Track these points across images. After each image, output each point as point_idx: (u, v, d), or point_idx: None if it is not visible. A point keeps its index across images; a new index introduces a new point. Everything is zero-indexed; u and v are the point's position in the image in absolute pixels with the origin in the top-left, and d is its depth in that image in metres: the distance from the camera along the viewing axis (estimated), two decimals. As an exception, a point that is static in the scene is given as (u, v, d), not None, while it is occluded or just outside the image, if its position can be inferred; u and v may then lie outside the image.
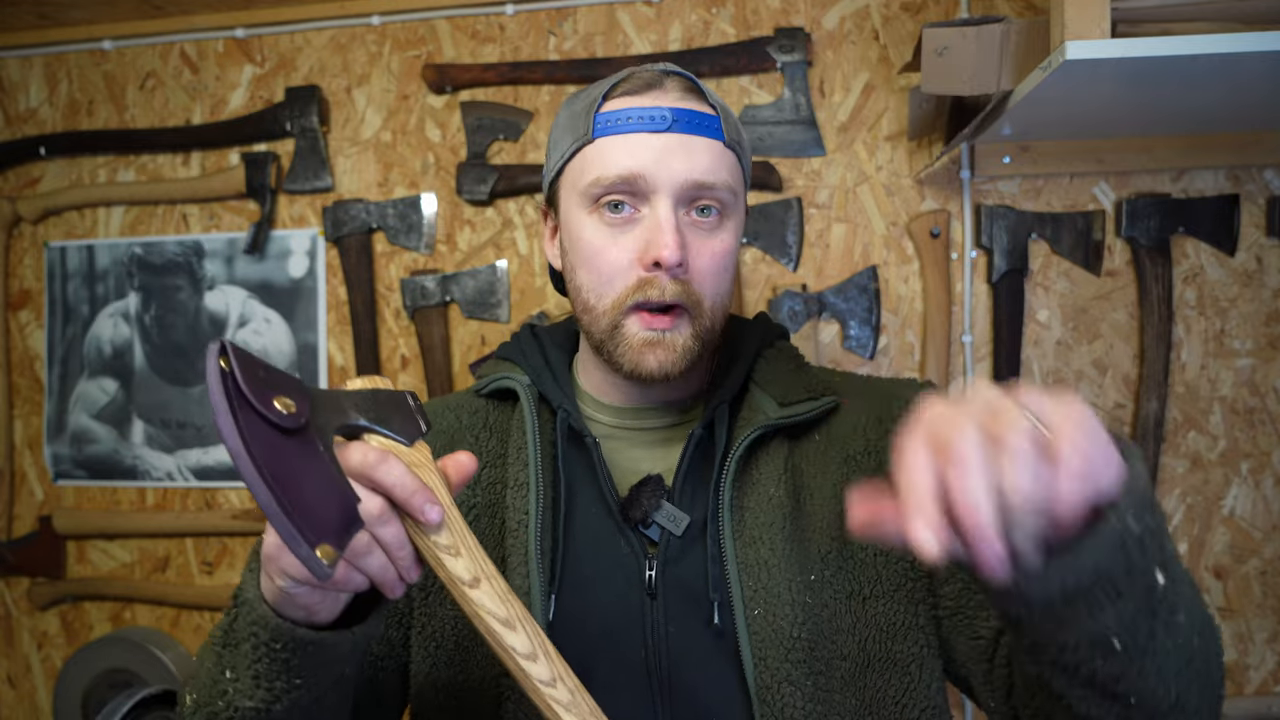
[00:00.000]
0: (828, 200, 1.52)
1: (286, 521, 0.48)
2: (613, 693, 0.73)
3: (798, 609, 0.74)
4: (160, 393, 1.71)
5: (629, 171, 0.75)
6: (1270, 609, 1.41)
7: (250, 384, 0.50)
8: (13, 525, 1.76)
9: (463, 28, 1.61)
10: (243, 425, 0.48)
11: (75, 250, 1.73)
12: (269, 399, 0.51)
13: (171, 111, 1.71)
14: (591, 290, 0.79)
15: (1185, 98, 1.19)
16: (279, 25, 1.65)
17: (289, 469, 0.50)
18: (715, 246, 0.78)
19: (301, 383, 0.55)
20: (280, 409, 0.51)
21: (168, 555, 1.71)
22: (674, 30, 1.55)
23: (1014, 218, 1.45)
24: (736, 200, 0.81)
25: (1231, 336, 1.43)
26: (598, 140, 0.78)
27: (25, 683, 1.77)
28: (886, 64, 1.50)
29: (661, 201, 0.76)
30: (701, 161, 0.76)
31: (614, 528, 0.79)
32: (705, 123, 0.78)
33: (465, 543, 0.59)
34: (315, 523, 0.49)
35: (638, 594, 0.77)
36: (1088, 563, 0.48)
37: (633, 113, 0.77)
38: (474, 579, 0.58)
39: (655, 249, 0.74)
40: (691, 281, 0.77)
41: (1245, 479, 1.42)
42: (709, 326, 0.79)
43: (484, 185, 1.57)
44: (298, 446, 0.52)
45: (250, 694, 0.62)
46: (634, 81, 0.79)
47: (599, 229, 0.78)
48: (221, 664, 0.64)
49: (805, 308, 1.49)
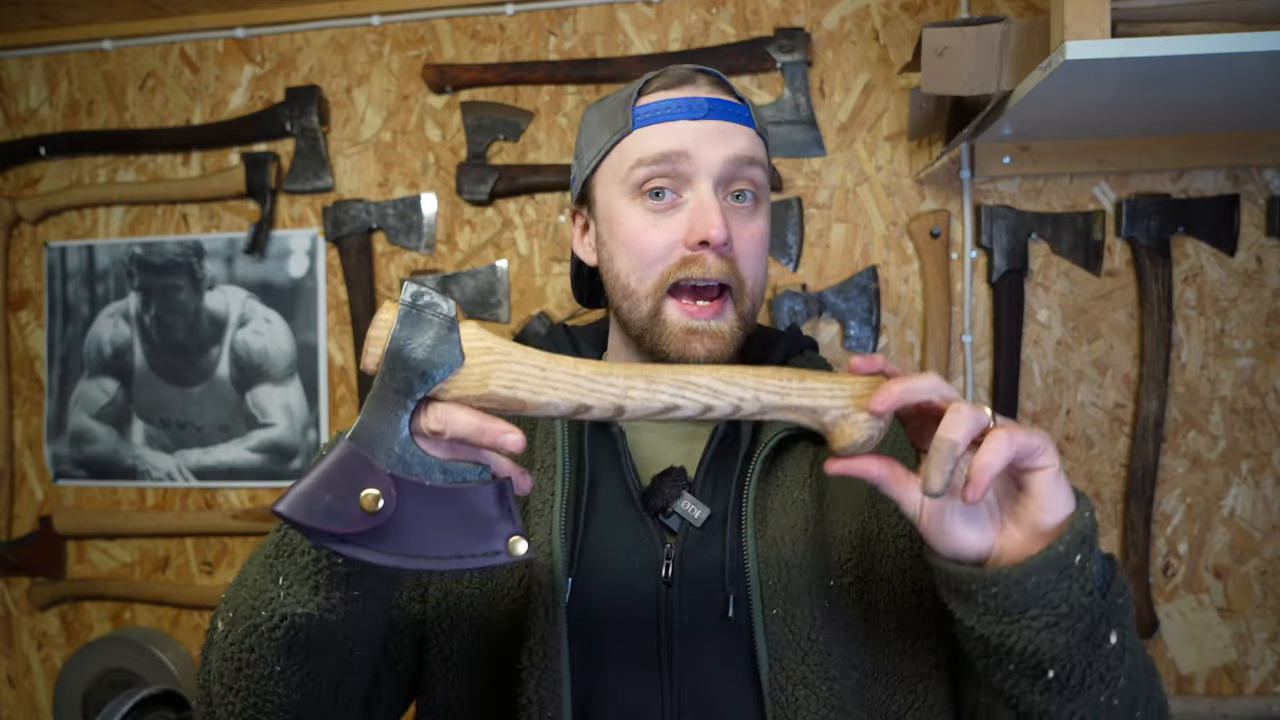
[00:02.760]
0: (828, 200, 1.52)
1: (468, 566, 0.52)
2: (623, 678, 0.76)
3: (817, 612, 0.74)
4: (160, 393, 1.71)
5: (672, 150, 0.78)
6: (1270, 609, 1.41)
7: (334, 521, 0.51)
8: (13, 525, 1.76)
9: (463, 28, 1.61)
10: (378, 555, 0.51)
11: (75, 250, 1.73)
12: (353, 515, 0.51)
13: (171, 111, 1.71)
14: (632, 274, 0.80)
15: (1185, 98, 1.19)
16: (279, 25, 1.65)
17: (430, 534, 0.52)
18: (754, 230, 0.81)
19: (352, 450, 0.53)
20: (366, 510, 0.51)
21: (168, 555, 1.71)
22: (674, 30, 1.55)
23: (1014, 218, 1.45)
24: (766, 187, 0.84)
25: (1231, 336, 1.43)
26: (638, 130, 0.80)
27: (25, 683, 1.77)
28: (886, 64, 1.50)
29: (703, 183, 0.78)
30: (739, 142, 0.80)
31: (635, 515, 0.81)
32: (738, 111, 0.81)
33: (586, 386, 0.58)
34: (483, 538, 0.52)
35: (654, 582, 0.78)
36: (1029, 571, 0.57)
37: (670, 103, 0.80)
38: (618, 409, 0.59)
39: (703, 228, 0.76)
40: (736, 260, 0.79)
41: (1245, 479, 1.42)
42: (750, 310, 0.82)
43: (484, 185, 1.57)
44: (413, 509, 0.53)
45: (304, 602, 0.62)
46: (668, 77, 0.83)
47: (641, 214, 0.80)
48: (273, 572, 0.64)
49: (805, 308, 1.49)
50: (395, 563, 0.52)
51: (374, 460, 0.53)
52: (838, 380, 0.61)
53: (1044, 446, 0.57)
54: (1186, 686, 1.43)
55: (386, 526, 0.52)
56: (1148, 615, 1.41)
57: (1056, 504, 0.58)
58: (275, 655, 0.64)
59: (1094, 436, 1.46)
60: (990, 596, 0.59)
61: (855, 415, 0.60)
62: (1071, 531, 0.57)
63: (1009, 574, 0.57)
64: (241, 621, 0.65)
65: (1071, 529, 0.57)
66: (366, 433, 0.54)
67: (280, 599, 0.62)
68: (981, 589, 0.59)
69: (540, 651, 0.74)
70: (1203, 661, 1.43)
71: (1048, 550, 0.57)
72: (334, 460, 0.52)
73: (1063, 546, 0.57)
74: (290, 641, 0.63)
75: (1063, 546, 0.57)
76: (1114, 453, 1.45)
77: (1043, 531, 0.58)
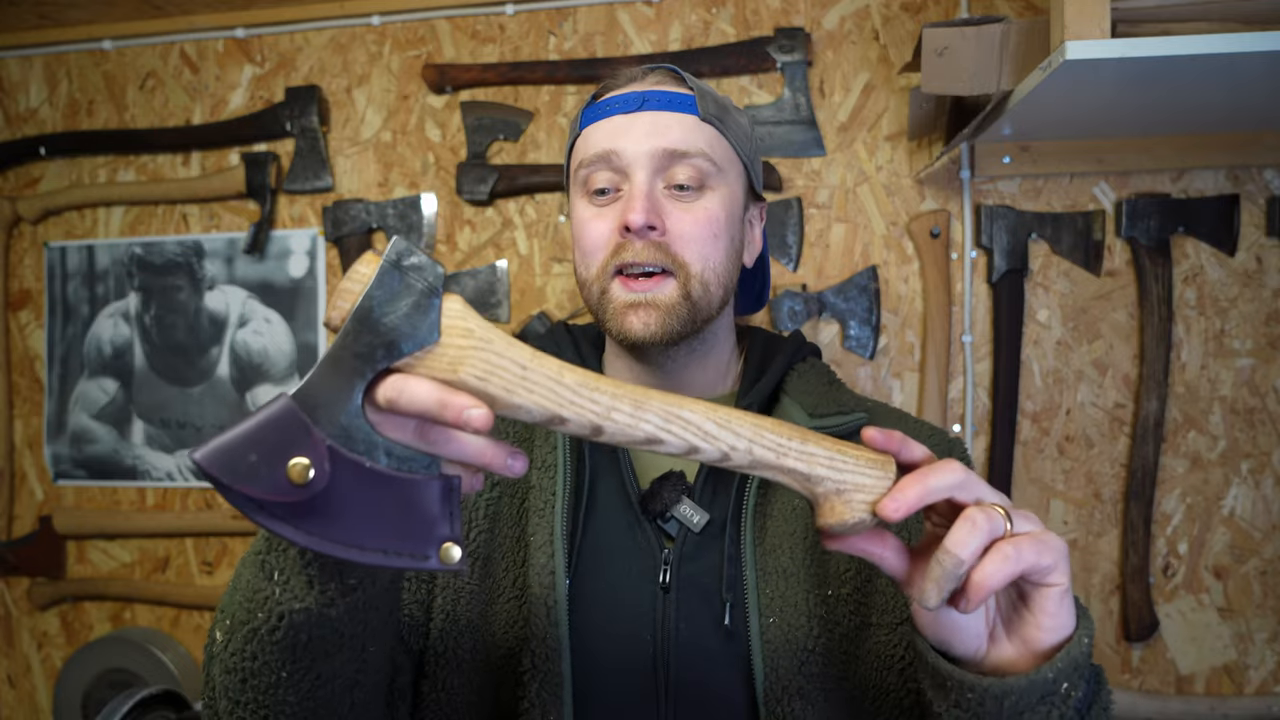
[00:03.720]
0: (828, 200, 1.52)
1: (393, 565, 0.46)
2: (618, 683, 0.75)
3: (814, 621, 0.74)
4: (160, 393, 1.71)
5: (604, 149, 0.81)
6: (1270, 609, 1.41)
7: (255, 484, 0.45)
8: (13, 525, 1.76)
9: (463, 28, 1.61)
10: (295, 532, 0.46)
11: (75, 250, 1.73)
12: (278, 483, 0.46)
13: (171, 111, 1.71)
14: (582, 264, 0.84)
15: (1185, 98, 1.19)
16: (279, 25, 1.65)
17: (359, 521, 0.46)
18: (695, 214, 0.81)
19: (290, 410, 0.47)
20: (293, 480, 0.46)
21: (168, 555, 1.71)
22: (674, 30, 1.55)
23: (1014, 218, 1.45)
24: (721, 173, 0.83)
25: (1231, 336, 1.43)
26: (583, 131, 0.85)
27: (25, 683, 1.77)
28: (886, 64, 1.50)
29: (637, 174, 0.80)
30: (672, 133, 0.80)
31: (632, 519, 0.80)
32: (678, 100, 0.82)
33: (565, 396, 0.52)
34: (416, 539, 0.46)
35: (651, 587, 0.77)
36: (1011, 690, 0.55)
37: (611, 100, 0.83)
38: (595, 429, 0.53)
39: (624, 214, 0.79)
40: (670, 245, 0.80)
41: (1245, 479, 1.42)
42: (701, 291, 0.81)
43: (484, 185, 1.57)
44: (345, 489, 0.47)
45: (301, 597, 0.58)
46: (618, 79, 0.86)
47: (587, 209, 0.84)
48: (266, 569, 0.59)
49: (805, 308, 1.49)
50: (312, 544, 0.47)
51: (314, 427, 0.47)
52: (843, 451, 0.56)
53: (1054, 565, 0.53)
54: (1186, 686, 1.43)
55: (313, 503, 0.46)
56: (1148, 615, 1.41)
57: (1057, 624, 0.55)
58: (280, 660, 0.60)
59: (1094, 436, 1.46)
60: (964, 699, 0.57)
61: (852, 495, 0.55)
62: (1065, 659, 0.55)
63: (990, 687, 0.56)
64: (240, 627, 0.61)
65: (1066, 655, 0.55)
66: (312, 395, 0.48)
67: (276, 596, 0.58)
68: (957, 688, 0.57)
69: (542, 654, 0.73)
70: (1203, 661, 1.43)
71: (1036, 674, 0.55)
72: (268, 417, 0.47)
73: (1052, 673, 0.55)
74: (293, 643, 0.59)
75: (1052, 673, 0.55)
76: (1114, 453, 1.45)
77: (1036, 651, 0.56)
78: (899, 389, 1.51)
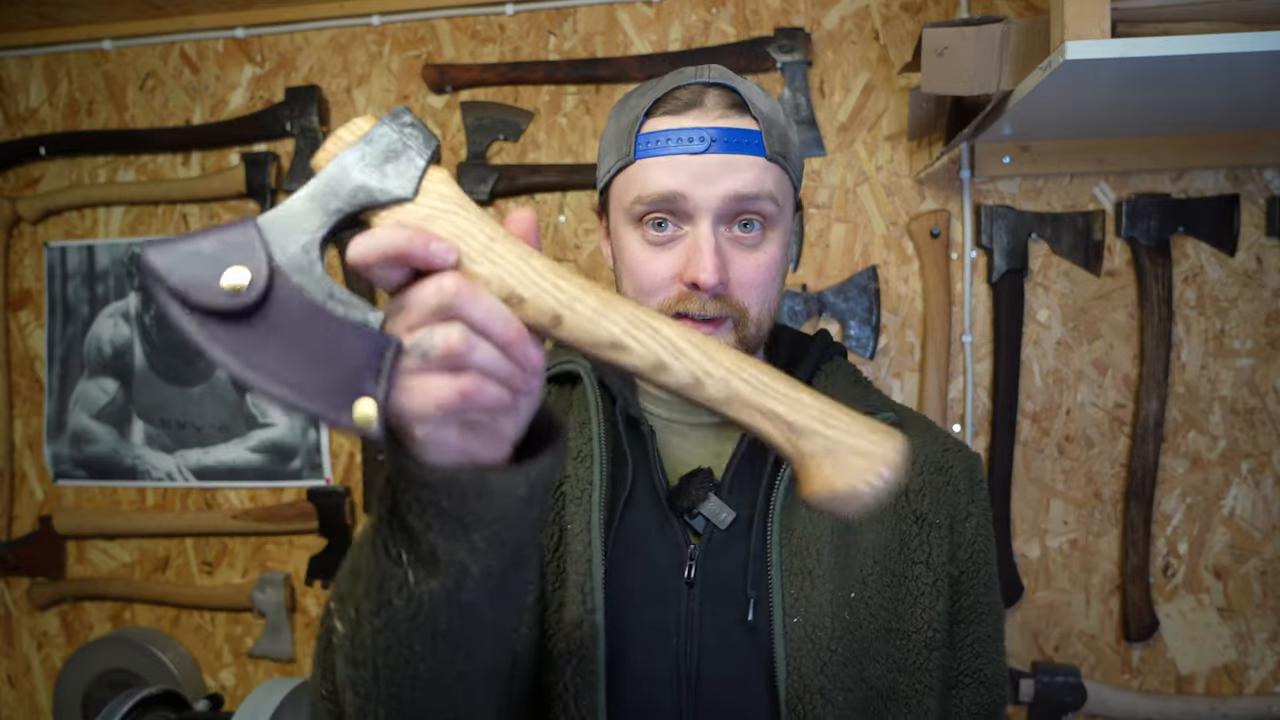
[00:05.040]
0: (828, 200, 1.52)
1: (303, 408, 0.43)
2: (641, 675, 0.76)
3: (837, 623, 0.75)
4: (160, 393, 1.71)
5: (669, 190, 0.77)
6: (1270, 609, 1.41)
7: (187, 283, 0.44)
8: (13, 525, 1.76)
9: (463, 28, 1.61)
10: (213, 344, 0.44)
11: (75, 250, 1.73)
12: (210, 287, 0.44)
13: (171, 111, 1.71)
14: (634, 298, 0.81)
15: (1185, 98, 1.19)
16: (279, 25, 1.65)
17: (281, 352, 0.44)
18: (759, 260, 0.80)
19: (249, 225, 0.46)
20: (228, 289, 0.44)
21: (168, 555, 1.71)
22: (674, 30, 1.55)
23: (1014, 218, 1.45)
24: (781, 212, 0.81)
25: (1231, 336, 1.43)
26: (639, 160, 0.79)
27: (25, 683, 1.78)
28: (886, 64, 1.50)
29: (702, 221, 0.77)
30: (742, 177, 0.77)
31: (661, 515, 0.81)
32: (746, 140, 0.79)
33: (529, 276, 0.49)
34: (335, 387, 0.44)
35: (676, 582, 0.78)
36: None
37: (672, 134, 0.78)
38: (554, 318, 0.49)
39: (694, 270, 0.76)
40: (733, 295, 0.79)
41: (1245, 479, 1.42)
42: (754, 333, 0.81)
43: (484, 185, 1.57)
44: (277, 316, 0.45)
45: (432, 572, 0.53)
46: (675, 102, 0.80)
47: (642, 245, 0.80)
48: (386, 551, 0.55)
49: (805, 308, 1.49)
50: (229, 363, 0.44)
51: (266, 244, 0.46)
52: (838, 408, 0.50)
53: None
54: (1186, 686, 1.43)
55: (239, 320, 0.44)
56: (1148, 615, 1.41)
57: None
58: (421, 648, 0.56)
59: (1094, 436, 1.46)
60: None
61: (846, 459, 0.48)
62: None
63: None
64: (369, 619, 0.56)
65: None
66: (277, 221, 0.47)
67: (406, 581, 0.54)
68: None
69: (578, 639, 0.74)
70: (1203, 661, 1.43)
71: None
72: (224, 228, 0.46)
73: None
74: (434, 631, 0.55)
75: None
76: (1114, 453, 1.45)
77: None
78: (899, 389, 1.51)
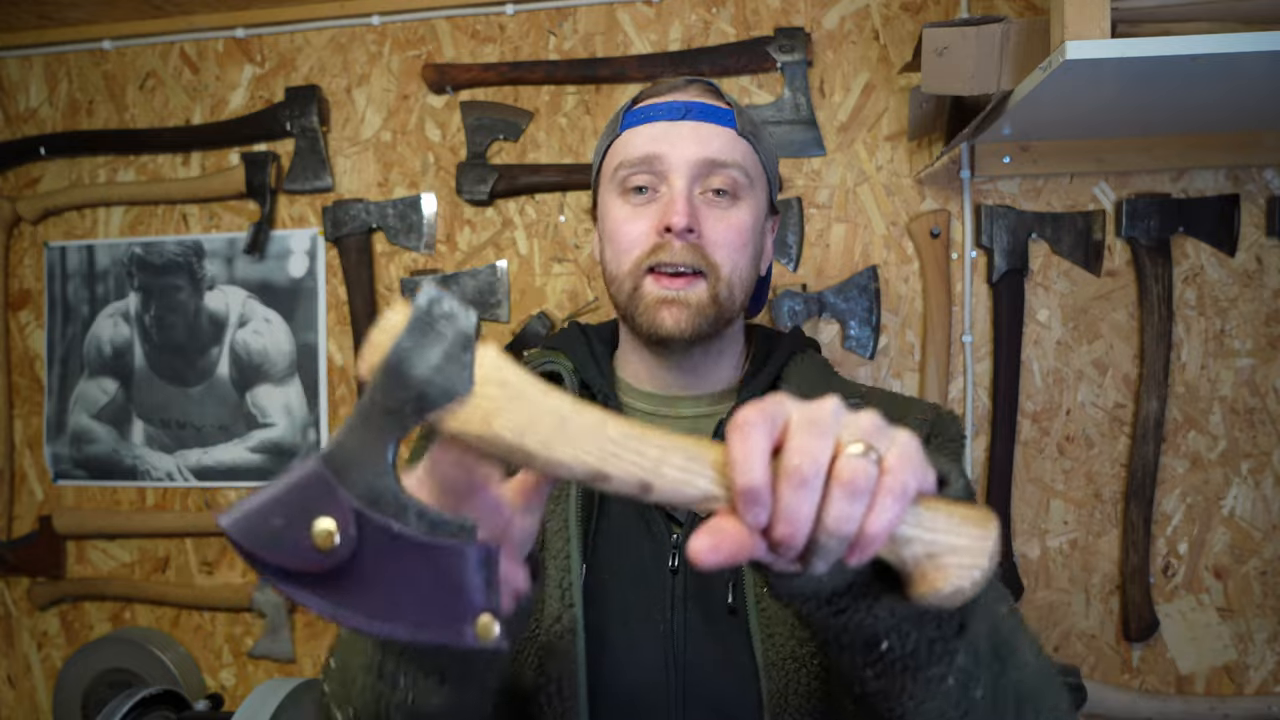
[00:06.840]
0: (828, 200, 1.52)
1: (421, 639, 0.43)
2: (630, 663, 0.79)
3: None
4: (160, 393, 1.71)
5: (647, 152, 0.85)
6: (1270, 609, 1.41)
7: (279, 552, 0.42)
8: (13, 525, 1.76)
9: (463, 28, 1.61)
10: (327, 605, 0.43)
11: (75, 250, 1.73)
12: (303, 550, 0.42)
13: (171, 111, 1.71)
14: (614, 260, 0.88)
15: (1185, 98, 1.19)
16: (279, 25, 1.65)
17: (394, 591, 0.43)
18: (730, 220, 0.86)
19: (319, 468, 0.44)
20: (318, 547, 0.42)
21: (168, 555, 1.71)
22: (674, 30, 1.55)
23: (1014, 218, 1.45)
24: (752, 185, 0.88)
25: (1231, 336, 1.43)
26: (624, 133, 0.89)
27: (25, 683, 1.78)
28: (886, 64, 1.50)
29: (677, 179, 0.84)
30: (713, 143, 0.85)
31: (641, 507, 0.83)
32: (719, 114, 0.87)
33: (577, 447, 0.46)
34: (449, 611, 0.43)
35: (660, 571, 0.81)
36: None
37: (653, 107, 0.88)
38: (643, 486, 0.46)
39: (667, 215, 0.83)
40: (705, 248, 0.84)
41: (1245, 479, 1.42)
42: (727, 294, 0.85)
43: (484, 185, 1.57)
44: (375, 557, 0.43)
45: (435, 692, 0.58)
46: (659, 86, 0.91)
47: (624, 208, 0.87)
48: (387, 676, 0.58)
49: (805, 308, 1.49)
50: (339, 617, 0.44)
51: (339, 488, 0.44)
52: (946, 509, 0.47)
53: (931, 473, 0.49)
54: (1186, 686, 1.43)
55: (343, 571, 0.43)
56: (1148, 615, 1.41)
57: None
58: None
59: (1094, 436, 1.46)
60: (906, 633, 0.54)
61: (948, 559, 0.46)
62: None
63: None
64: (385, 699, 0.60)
65: None
66: (341, 454, 0.44)
67: (409, 701, 0.58)
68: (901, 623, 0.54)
69: (557, 632, 0.76)
70: (1203, 661, 1.43)
71: None
72: (294, 480, 0.44)
73: None
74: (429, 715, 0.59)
75: None
76: (1114, 453, 1.45)
77: None
78: (899, 389, 1.50)
